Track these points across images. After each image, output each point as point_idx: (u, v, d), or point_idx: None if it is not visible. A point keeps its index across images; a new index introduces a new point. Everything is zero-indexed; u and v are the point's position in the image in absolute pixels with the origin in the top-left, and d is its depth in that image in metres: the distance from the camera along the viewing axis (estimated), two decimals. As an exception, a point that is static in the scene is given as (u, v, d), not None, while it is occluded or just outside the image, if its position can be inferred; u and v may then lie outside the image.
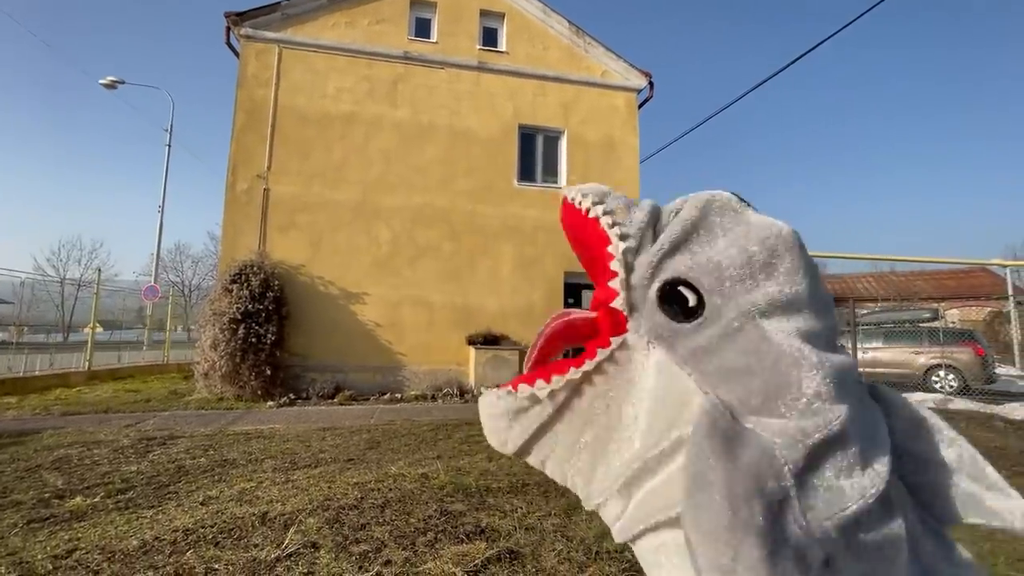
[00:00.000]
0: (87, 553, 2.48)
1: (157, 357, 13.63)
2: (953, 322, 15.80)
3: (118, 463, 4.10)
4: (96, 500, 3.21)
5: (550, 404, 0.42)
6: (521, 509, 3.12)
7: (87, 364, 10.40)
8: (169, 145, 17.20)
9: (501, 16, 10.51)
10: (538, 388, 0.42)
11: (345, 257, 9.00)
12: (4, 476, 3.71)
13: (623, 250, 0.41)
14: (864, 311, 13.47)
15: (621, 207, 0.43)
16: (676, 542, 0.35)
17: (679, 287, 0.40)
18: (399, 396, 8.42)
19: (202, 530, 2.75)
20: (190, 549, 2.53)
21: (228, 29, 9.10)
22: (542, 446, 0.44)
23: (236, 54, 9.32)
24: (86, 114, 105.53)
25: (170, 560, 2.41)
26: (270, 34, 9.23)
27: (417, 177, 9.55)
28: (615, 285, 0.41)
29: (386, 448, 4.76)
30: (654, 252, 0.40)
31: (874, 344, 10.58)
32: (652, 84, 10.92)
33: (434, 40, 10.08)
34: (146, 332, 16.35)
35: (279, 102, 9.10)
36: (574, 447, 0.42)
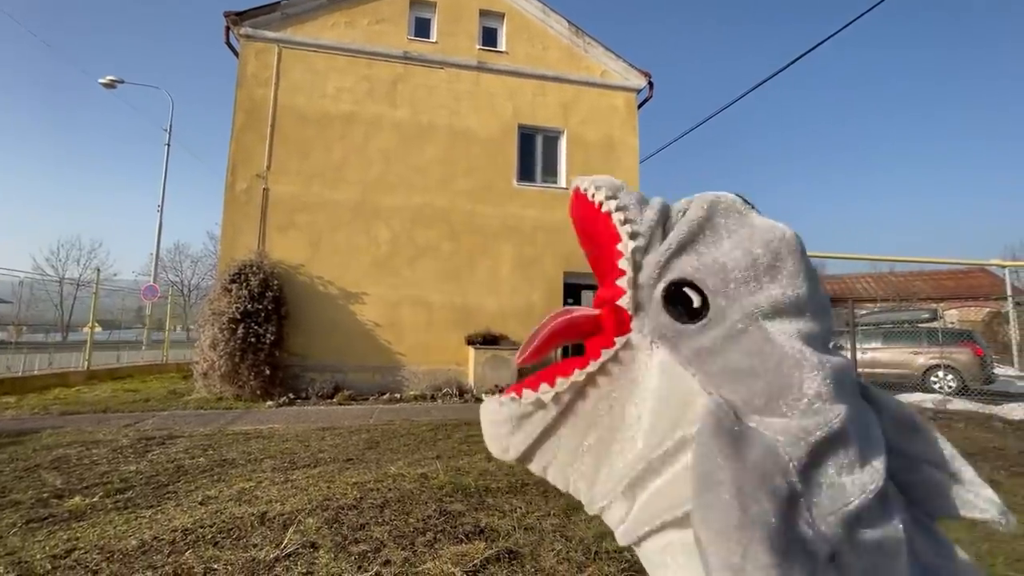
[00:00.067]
0: (86, 553, 2.48)
1: (156, 357, 13.62)
2: (952, 322, 15.81)
3: (117, 463, 4.09)
4: (95, 500, 3.21)
5: (554, 408, 0.42)
6: (520, 509, 3.12)
7: (86, 364, 10.39)
8: (168, 145, 17.21)
9: (501, 16, 10.51)
10: (542, 392, 0.42)
11: (344, 257, 8.99)
12: (3, 476, 3.71)
13: (633, 249, 0.41)
14: (863, 311, 13.48)
15: (633, 204, 0.42)
16: (683, 542, 0.35)
17: (684, 288, 0.40)
18: (398, 396, 8.42)
19: (201, 530, 2.74)
20: (189, 549, 2.53)
21: (228, 29, 9.09)
22: (545, 451, 0.43)
23: (236, 54, 9.32)
24: (86, 114, 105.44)
25: (169, 560, 2.41)
26: (270, 34, 9.22)
27: (417, 177, 9.55)
28: (622, 284, 0.41)
29: (385, 448, 4.76)
30: (662, 252, 0.40)
31: (873, 344, 10.59)
32: (652, 84, 10.92)
33: (434, 40, 10.08)
34: (145, 332, 16.35)
35: (279, 102, 9.09)
36: (577, 451, 0.42)
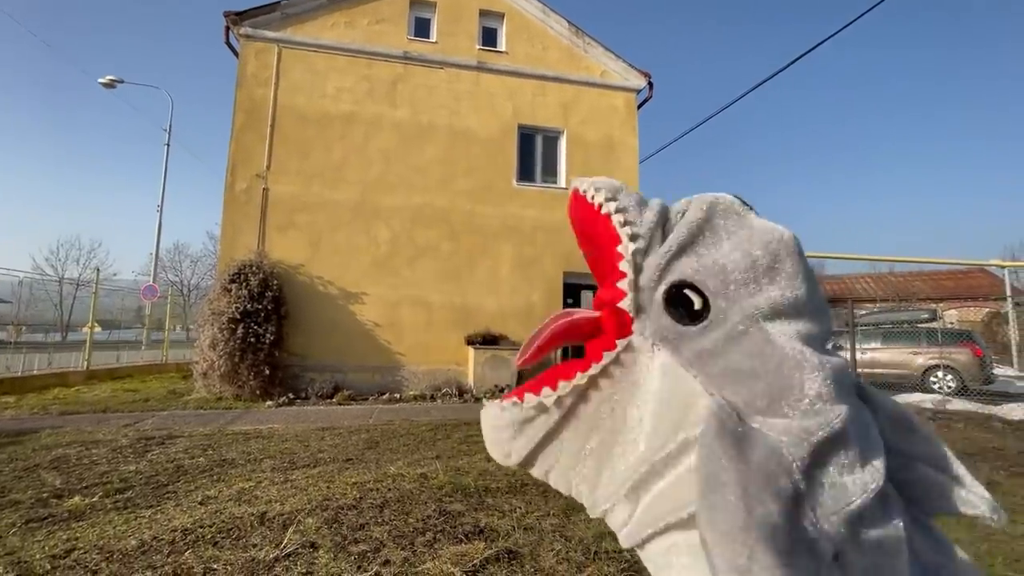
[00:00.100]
0: (85, 553, 2.48)
1: (156, 357, 13.61)
2: (951, 323, 15.82)
3: (116, 463, 4.09)
4: (94, 500, 3.21)
5: (557, 411, 0.42)
6: (520, 509, 3.12)
7: (85, 363, 10.39)
8: (168, 145, 17.21)
9: (501, 16, 10.51)
10: (544, 396, 0.42)
11: (344, 257, 8.99)
12: (2, 476, 3.70)
13: (633, 251, 0.41)
14: (863, 312, 13.49)
15: (633, 205, 0.42)
16: (687, 543, 0.35)
17: (684, 290, 0.40)
18: (398, 396, 8.42)
19: (201, 530, 2.74)
20: (188, 549, 2.53)
21: (227, 28, 9.09)
22: (547, 455, 0.43)
23: (236, 54, 9.31)
24: (86, 114, 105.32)
25: (168, 560, 2.41)
26: (270, 33, 9.22)
27: (416, 177, 9.55)
28: (623, 286, 0.41)
29: (385, 448, 4.76)
30: (662, 254, 0.40)
31: (873, 345, 10.59)
32: (651, 84, 10.93)
33: (434, 40, 10.08)
34: (145, 332, 16.35)
35: (278, 102, 9.09)
36: (579, 454, 0.42)
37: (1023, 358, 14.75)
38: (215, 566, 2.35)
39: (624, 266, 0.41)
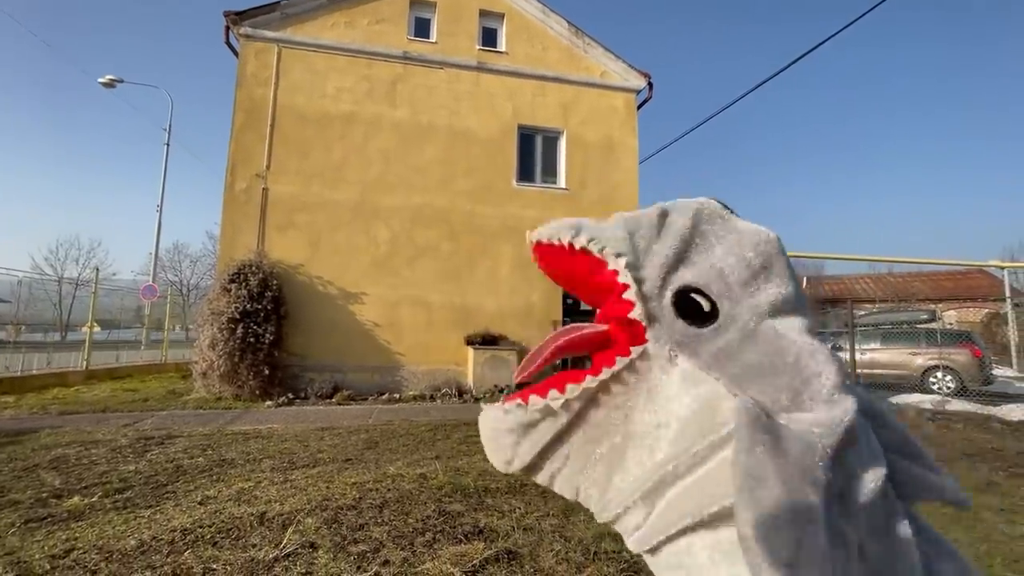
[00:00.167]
0: (85, 553, 2.48)
1: (155, 356, 13.60)
2: (951, 323, 15.85)
3: (116, 463, 4.09)
4: (94, 500, 3.20)
5: (564, 415, 0.41)
6: (519, 509, 3.12)
7: (85, 363, 10.37)
8: (168, 144, 17.20)
9: (501, 16, 10.51)
10: (552, 399, 0.41)
11: (344, 257, 8.99)
12: (1, 476, 3.70)
13: (625, 264, 0.41)
14: (862, 312, 13.52)
15: (597, 229, 0.43)
16: (705, 543, 0.34)
17: (690, 295, 0.40)
18: (397, 396, 8.42)
19: (200, 530, 2.74)
20: (188, 549, 2.53)
21: (227, 28, 9.09)
22: (553, 461, 0.42)
23: (235, 53, 9.31)
24: (86, 114, 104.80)
25: (168, 560, 2.41)
26: (269, 33, 9.22)
27: (416, 177, 9.55)
28: (631, 296, 0.41)
29: (384, 448, 4.76)
30: (659, 264, 0.41)
31: (872, 345, 10.60)
32: (651, 85, 10.94)
33: (433, 40, 10.08)
34: (144, 331, 16.34)
35: (278, 101, 9.09)
36: (589, 459, 0.41)
37: (1022, 359, 14.76)
38: (214, 566, 2.35)
39: (624, 278, 0.41)
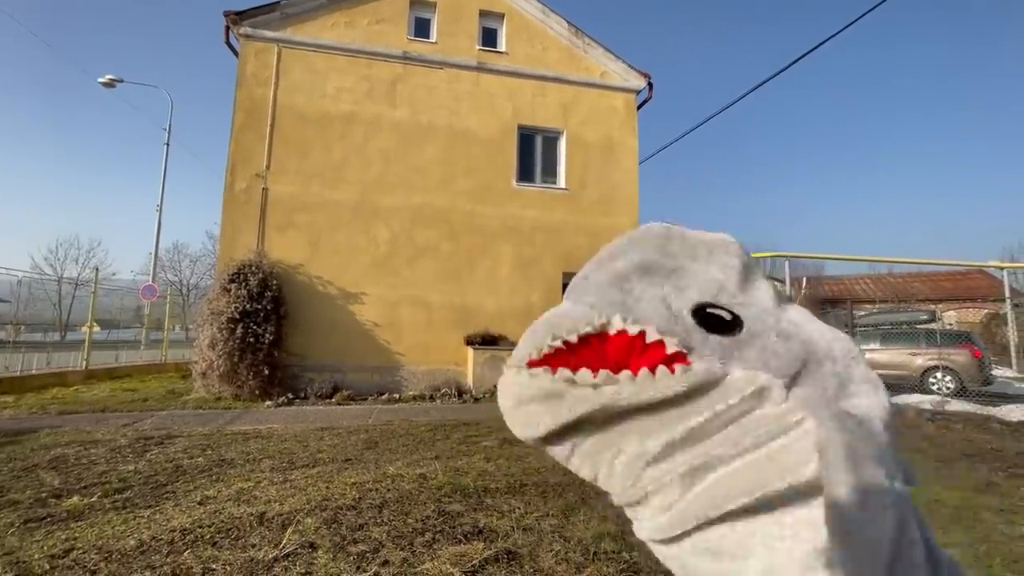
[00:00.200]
0: (84, 553, 2.48)
1: (155, 356, 13.59)
2: (950, 324, 15.87)
3: (115, 462, 4.09)
4: (93, 500, 3.20)
5: (597, 396, 0.36)
6: (519, 510, 3.12)
7: (84, 363, 10.37)
8: (168, 144, 17.20)
9: (501, 16, 10.51)
10: (581, 379, 0.35)
11: (344, 257, 8.99)
12: (1, 475, 3.70)
13: (624, 320, 0.37)
14: (862, 313, 13.53)
15: (568, 320, 0.38)
16: (758, 526, 0.32)
17: (706, 312, 0.40)
18: (397, 396, 8.42)
19: (200, 530, 2.74)
20: (187, 549, 2.53)
21: (227, 28, 9.09)
22: (579, 433, 0.37)
23: (235, 53, 9.31)
24: (86, 113, 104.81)
25: (167, 560, 2.41)
26: (269, 33, 9.22)
27: (416, 177, 9.55)
28: (653, 337, 0.36)
29: (384, 448, 4.76)
30: (664, 299, 0.40)
31: (872, 346, 10.60)
32: (651, 85, 10.94)
33: (433, 40, 10.08)
34: (144, 331, 16.34)
35: (278, 101, 9.09)
36: (617, 436, 0.37)
37: (1021, 359, 14.77)
38: (214, 566, 2.35)
39: (653, 336, 0.36)
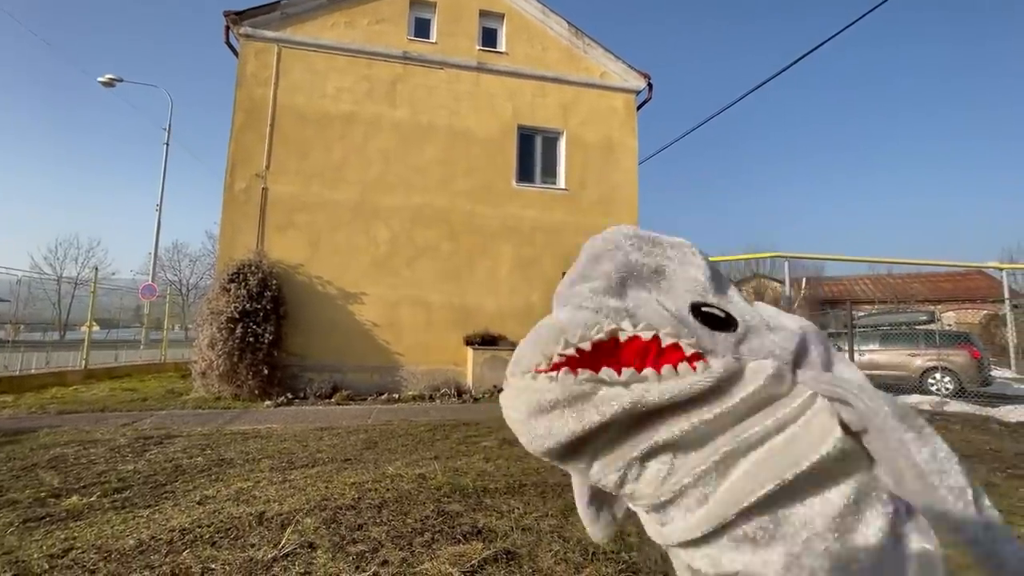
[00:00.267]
0: (83, 552, 2.48)
1: (154, 356, 13.60)
2: (949, 325, 15.86)
3: (115, 462, 4.09)
4: (92, 499, 3.20)
5: (627, 394, 0.34)
6: (518, 510, 3.12)
7: (84, 363, 10.36)
8: (168, 144, 17.20)
9: (500, 17, 10.52)
10: (608, 376, 0.35)
11: (344, 257, 8.99)
12: (0, 475, 3.70)
13: (635, 326, 0.37)
14: (861, 313, 13.53)
15: (579, 328, 0.37)
16: (804, 506, 0.32)
17: (702, 311, 0.41)
18: (397, 396, 8.42)
19: (199, 530, 2.74)
20: (187, 549, 2.53)
21: (227, 28, 9.09)
22: (601, 440, 0.36)
23: (235, 53, 9.31)
24: (86, 113, 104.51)
25: (166, 560, 2.41)
26: (269, 33, 9.22)
27: (416, 177, 9.55)
28: (668, 340, 0.36)
29: (383, 448, 4.76)
30: (660, 302, 0.40)
31: (871, 346, 10.61)
32: (651, 86, 10.95)
33: (433, 40, 10.08)
34: (143, 331, 16.34)
35: (278, 101, 9.09)
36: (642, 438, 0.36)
37: (1021, 360, 14.78)
38: (213, 566, 2.35)
39: (645, 333, 0.36)
